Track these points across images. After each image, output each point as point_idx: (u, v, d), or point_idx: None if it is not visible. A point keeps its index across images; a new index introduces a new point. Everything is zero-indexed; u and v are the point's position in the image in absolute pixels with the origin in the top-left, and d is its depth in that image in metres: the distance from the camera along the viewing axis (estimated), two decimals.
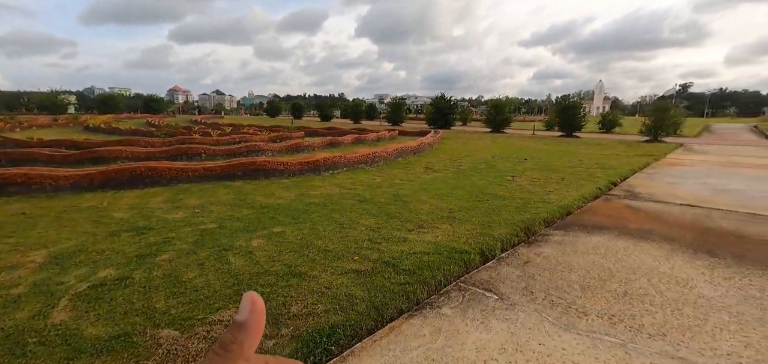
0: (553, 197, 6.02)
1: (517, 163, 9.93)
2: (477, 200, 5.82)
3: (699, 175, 8.43)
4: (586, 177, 7.94)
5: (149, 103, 46.18)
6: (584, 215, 5.19)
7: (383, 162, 9.72)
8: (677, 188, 7.01)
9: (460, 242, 3.86)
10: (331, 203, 5.46)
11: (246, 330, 0.27)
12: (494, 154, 11.88)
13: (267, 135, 14.10)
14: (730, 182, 7.62)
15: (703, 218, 5.02)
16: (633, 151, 13.82)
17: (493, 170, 8.77)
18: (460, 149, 13.51)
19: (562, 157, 11.54)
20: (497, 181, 7.46)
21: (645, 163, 10.29)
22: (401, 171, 8.60)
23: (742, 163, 10.81)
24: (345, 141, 13.43)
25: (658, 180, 7.86)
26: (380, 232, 4.13)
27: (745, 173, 8.80)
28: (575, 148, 14.38)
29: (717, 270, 3.32)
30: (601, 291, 2.93)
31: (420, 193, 6.27)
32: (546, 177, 7.94)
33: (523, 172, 8.50)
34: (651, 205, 5.76)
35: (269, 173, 7.24)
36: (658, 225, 4.70)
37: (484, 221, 4.65)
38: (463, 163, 9.99)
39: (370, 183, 7.09)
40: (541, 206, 5.45)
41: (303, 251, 3.58)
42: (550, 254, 3.70)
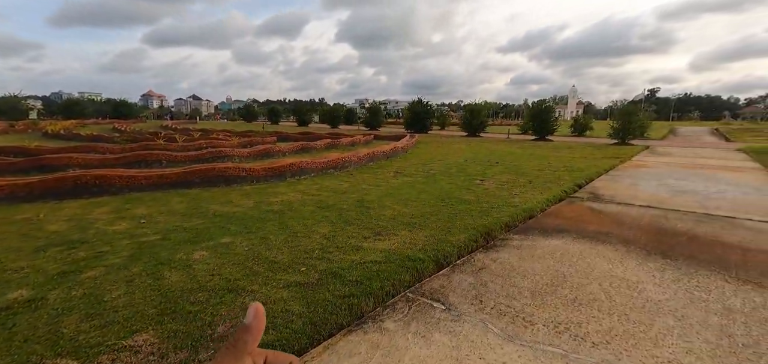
0: (517, 201, 6.01)
1: (488, 167, 9.96)
2: (442, 204, 5.73)
3: (661, 177, 8.67)
4: (553, 180, 8.02)
5: (118, 108, 44.34)
6: (546, 218, 5.17)
7: (354, 167, 9.54)
8: (639, 190, 7.16)
9: (416, 249, 3.73)
10: (290, 211, 5.24)
11: (250, 332, 0.33)
12: (467, 158, 11.91)
13: (237, 140, 13.68)
14: (688, 183, 7.85)
15: (659, 220, 5.09)
16: (601, 153, 14.19)
17: (463, 174, 8.75)
18: (433, 153, 13.49)
19: (532, 160, 11.69)
20: (465, 185, 7.41)
21: (611, 166, 10.53)
22: (371, 176, 8.45)
23: (702, 164, 11.24)
24: (317, 146, 13.18)
25: (621, 182, 8.02)
26: (334, 240, 3.96)
27: (703, 174, 9.12)
28: (546, 152, 14.64)
29: (667, 272, 3.32)
30: (551, 297, 2.85)
31: (385, 198, 6.13)
32: (514, 180, 7.96)
33: (492, 176, 8.51)
34: (612, 207, 5.83)
35: (231, 180, 6.94)
36: (617, 227, 4.72)
37: (445, 227, 4.55)
38: (434, 167, 9.94)
39: (336, 189, 6.91)
40: (504, 209, 5.41)
41: (247, 263, 3.36)
42: (506, 260, 3.62)
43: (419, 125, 25.66)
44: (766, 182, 8.19)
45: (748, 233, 4.50)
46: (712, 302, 2.78)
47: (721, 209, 5.65)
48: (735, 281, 3.14)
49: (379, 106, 30.83)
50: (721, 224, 4.89)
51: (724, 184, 7.78)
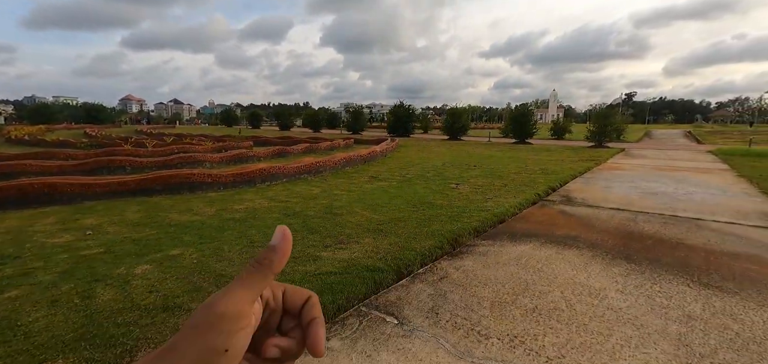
0: (490, 205, 5.92)
1: (465, 171, 9.91)
2: (413, 209, 5.59)
3: (633, 179, 8.78)
4: (528, 183, 8.00)
5: (92, 112, 42.76)
6: (517, 223, 5.09)
7: (329, 172, 9.33)
8: (611, 192, 7.19)
9: (377, 258, 3.56)
10: (253, 219, 5.00)
11: (276, 252, 0.32)
12: (445, 162, 11.85)
13: (211, 145, 13.27)
14: (659, 185, 7.95)
15: (628, 222, 5.08)
16: (578, 156, 14.38)
17: (440, 178, 8.65)
18: (413, 157, 13.40)
19: (510, 163, 11.72)
20: (440, 189, 7.31)
21: (586, 168, 10.64)
22: (345, 181, 8.26)
23: (673, 166, 11.49)
24: (294, 151, 12.90)
25: (594, 184, 8.06)
26: (293, 250, 3.74)
27: (674, 176, 9.29)
28: (525, 155, 14.75)
29: (631, 277, 3.24)
30: (511, 308, 2.73)
31: (355, 204, 5.95)
32: (489, 184, 7.91)
33: (468, 180, 8.44)
34: (583, 210, 5.80)
35: (195, 187, 6.63)
36: (585, 231, 4.67)
37: (412, 233, 4.40)
38: (411, 171, 9.82)
39: (307, 195, 6.69)
40: (475, 214, 5.31)
41: (192, 278, 3.12)
42: (469, 268, 3.48)
43: (402, 129, 25.61)
44: (733, 183, 8.38)
45: (712, 234, 4.51)
46: (673, 308, 2.70)
47: (688, 211, 5.70)
48: (697, 285, 3.09)
49: (362, 109, 30.62)
50: (687, 226, 4.90)
51: (693, 185, 7.92)
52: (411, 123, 26.33)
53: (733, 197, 6.81)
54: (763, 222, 5.08)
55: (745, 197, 6.73)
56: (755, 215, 5.44)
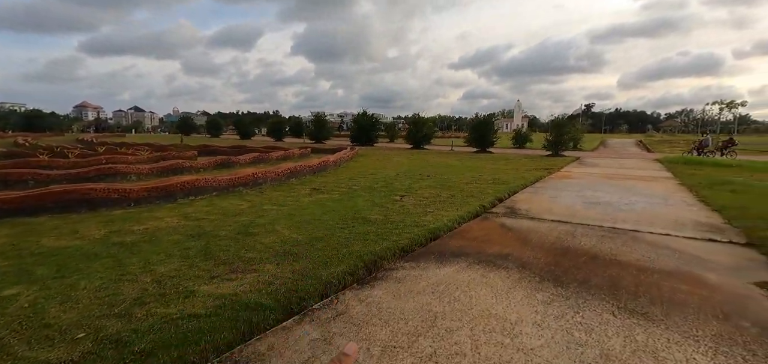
0: (428, 219, 5.50)
1: (416, 181, 9.53)
2: (341, 227, 5.05)
3: (581, 188, 8.72)
4: (477, 193, 7.71)
5: (33, 119, 39.28)
6: (451, 239, 4.68)
7: (270, 183, 8.65)
8: (556, 203, 7.01)
9: (267, 291, 2.99)
10: (147, 242, 4.27)
11: None
12: (399, 172, 11.46)
13: (147, 155, 12.16)
14: (604, 195, 7.90)
15: (566, 236, 4.80)
16: (534, 164, 14.48)
17: (387, 189, 8.20)
18: (368, 167, 12.92)
19: (465, 172, 11.50)
20: (382, 202, 6.83)
21: (539, 177, 10.58)
22: (283, 194, 7.61)
23: (622, 174, 11.71)
24: (240, 161, 12.06)
25: (542, 194, 7.89)
26: (166, 284, 3.09)
27: (620, 185, 9.35)
28: (482, 163, 14.68)
29: (553, 305, 2.86)
30: (405, 354, 2.24)
31: (281, 221, 5.34)
32: (436, 195, 7.54)
33: (417, 191, 8.04)
34: (524, 223, 5.51)
35: (98, 203, 5.77)
36: (520, 247, 4.32)
37: (327, 256, 3.86)
38: (360, 182, 9.31)
39: (231, 210, 5.99)
40: (408, 230, 4.85)
41: (8, 328, 2.40)
42: (376, 299, 2.98)
43: (365, 138, 25.17)
44: (674, 191, 8.50)
45: (647, 249, 4.29)
46: (590, 346, 2.31)
47: (627, 222, 5.54)
48: (622, 313, 2.75)
49: (325, 118, 29.90)
50: (623, 239, 4.68)
51: (637, 195, 7.92)
52: (374, 132, 25.96)
53: (672, 205, 6.79)
54: (696, 233, 4.97)
55: (684, 206, 6.73)
56: (691, 225, 5.34)
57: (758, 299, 3.02)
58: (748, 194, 7.76)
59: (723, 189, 8.37)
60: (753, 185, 8.92)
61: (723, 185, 9.00)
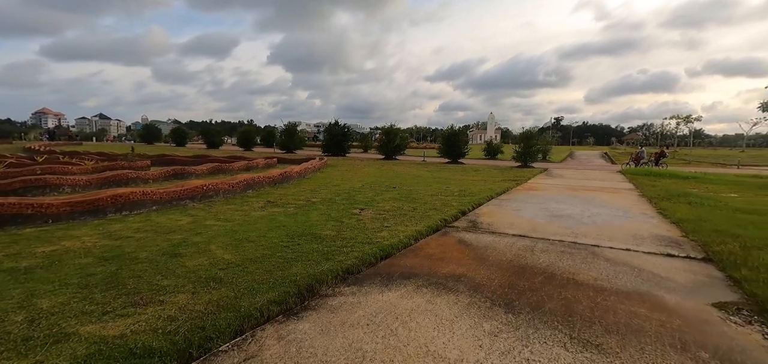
0: (383, 235, 5.12)
1: (380, 193, 9.16)
2: (286, 245, 4.58)
3: (546, 201, 8.63)
4: (440, 206, 7.42)
5: None
6: (404, 258, 4.31)
7: (222, 196, 8.03)
8: (520, 216, 6.82)
9: (167, 330, 2.49)
10: (44, 268, 3.65)
11: None
12: (365, 184, 11.07)
13: (91, 165, 11.18)
14: (568, 207, 7.82)
15: (525, 252, 4.54)
16: (503, 176, 14.49)
17: (347, 202, 7.78)
18: (333, 178, 12.47)
19: (432, 184, 11.26)
20: (339, 215, 6.41)
21: (506, 189, 10.49)
22: (233, 208, 7.04)
23: (586, 186, 11.84)
24: (197, 171, 11.31)
25: (506, 207, 7.71)
26: (40, 323, 2.53)
27: (584, 196, 9.36)
28: (452, 175, 14.55)
29: (501, 338, 2.53)
30: None
31: (218, 239, 4.80)
32: (398, 208, 7.19)
33: (378, 203, 7.67)
34: (484, 238, 5.23)
35: (5, 220, 5.02)
36: (476, 266, 4.01)
37: (256, 281, 3.38)
38: (321, 194, 8.85)
39: (165, 228, 5.39)
40: (358, 249, 4.45)
41: None
42: (300, 335, 2.55)
43: (337, 148, 24.68)
44: (635, 203, 8.56)
45: (605, 266, 4.08)
46: None
47: (588, 236, 5.38)
48: (575, 345, 2.45)
49: (296, 127, 29.14)
50: (583, 255, 4.47)
51: (599, 206, 7.89)
52: (347, 142, 25.52)
53: (632, 218, 6.75)
54: (655, 247, 4.85)
55: (643, 218, 6.70)
56: (649, 239, 5.24)
57: (716, 324, 2.81)
58: (704, 206, 7.89)
59: (680, 201, 8.51)
60: (708, 198, 9.14)
61: (680, 197, 9.17)
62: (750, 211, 7.44)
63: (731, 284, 3.61)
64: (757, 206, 8.05)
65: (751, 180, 14.17)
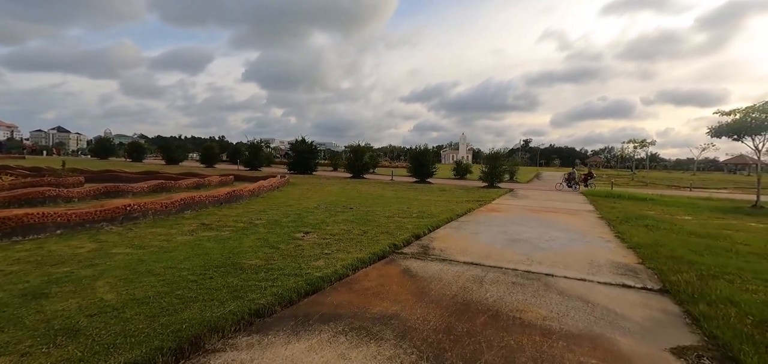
0: (318, 265, 4.50)
1: (334, 214, 8.53)
2: (194, 280, 3.86)
3: (505, 223, 8.30)
4: (394, 229, 6.89)
5: None
6: (332, 294, 3.70)
7: (151, 217, 7.13)
8: (476, 240, 6.40)
9: None
10: None
11: None
12: (322, 204, 10.41)
13: (9, 180, 9.87)
14: (526, 230, 7.50)
15: (473, 285, 4.05)
16: (468, 196, 14.25)
17: (294, 225, 7.09)
18: (291, 197, 11.72)
19: (393, 204, 10.76)
20: (278, 241, 5.72)
21: (468, 210, 10.14)
22: (158, 232, 6.18)
23: (548, 207, 11.73)
24: (135, 189, 10.23)
25: (464, 230, 7.29)
26: None
27: (544, 219, 9.14)
28: (416, 195, 14.14)
29: None
30: None
31: (111, 273, 4.00)
32: (347, 231, 6.59)
33: (328, 226, 7.03)
34: (432, 267, 4.71)
35: None
36: (413, 303, 3.46)
37: (123, 335, 2.66)
38: (268, 215, 8.11)
39: (56, 257, 4.51)
40: (280, 283, 3.80)
41: None
42: None
43: (303, 166, 23.85)
44: (593, 225, 8.39)
45: (557, 301, 3.64)
46: None
47: (543, 264, 4.99)
48: None
49: (261, 143, 28.00)
50: (535, 287, 4.03)
51: (558, 229, 7.64)
52: (314, 160, 24.75)
53: (590, 242, 6.48)
54: (611, 275, 4.51)
55: (600, 243, 6.45)
56: (606, 267, 4.91)
57: None
58: (660, 229, 7.81)
59: (638, 224, 8.43)
60: (664, 221, 9.16)
61: (638, 219, 9.14)
62: (703, 234, 7.41)
63: (690, 322, 3.26)
64: (709, 230, 8.08)
65: (703, 202, 14.69)
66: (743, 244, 6.59)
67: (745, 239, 7.00)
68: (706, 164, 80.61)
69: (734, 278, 4.40)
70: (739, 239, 7.04)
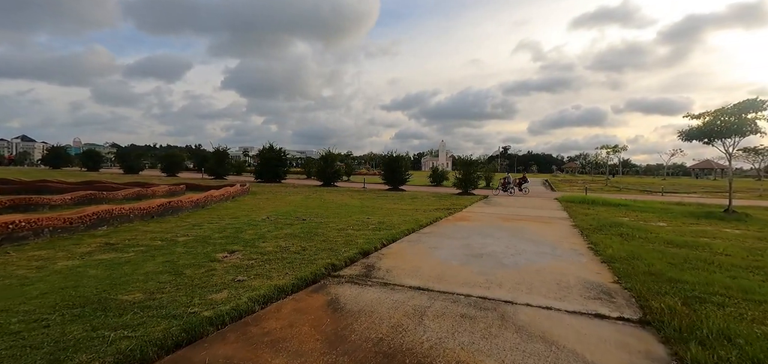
0: (220, 297, 3.51)
1: (280, 228, 7.52)
2: (18, 332, 2.80)
3: (470, 234, 7.51)
4: (341, 245, 5.95)
5: None
6: (210, 347, 2.71)
7: (46, 236, 5.93)
8: (432, 256, 5.54)
9: None
10: None
11: None
12: (273, 215, 9.37)
13: None
14: (493, 241, 6.72)
15: (409, 321, 3.16)
16: (439, 204, 13.48)
17: (225, 241, 6.05)
18: (241, 209, 10.60)
19: (352, 215, 9.82)
20: (189, 264, 4.68)
21: (434, 219, 9.33)
22: (44, 253, 5.02)
23: (521, 214, 11.06)
24: (54, 201, 8.88)
25: (423, 243, 6.43)
26: None
27: (514, 228, 8.41)
28: (383, 203, 13.26)
29: None
30: None
31: None
32: (283, 248, 5.61)
33: (261, 243, 6.02)
34: (368, 294, 3.80)
35: None
36: (317, 357, 2.52)
37: None
38: (199, 231, 7.01)
39: None
40: (146, 328, 2.80)
41: None
42: None
43: (271, 174, 22.57)
44: (566, 236, 7.70)
45: (513, 343, 2.79)
46: None
47: (504, 286, 4.16)
48: None
49: (226, 151, 26.42)
50: (488, 322, 3.18)
51: (527, 240, 6.89)
52: (282, 168, 23.48)
53: (560, 256, 5.73)
54: (583, 300, 3.71)
55: (573, 256, 5.71)
56: (577, 289, 4.13)
57: None
58: (635, 238, 7.20)
59: (612, 232, 7.81)
60: (638, 228, 8.60)
61: (612, 227, 8.54)
62: (680, 243, 6.82)
63: None
64: (686, 237, 7.53)
65: (675, 207, 14.45)
66: (723, 254, 6.00)
67: (725, 248, 6.44)
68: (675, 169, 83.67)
69: (724, 301, 3.69)
70: (717, 248, 6.47)
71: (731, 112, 11.98)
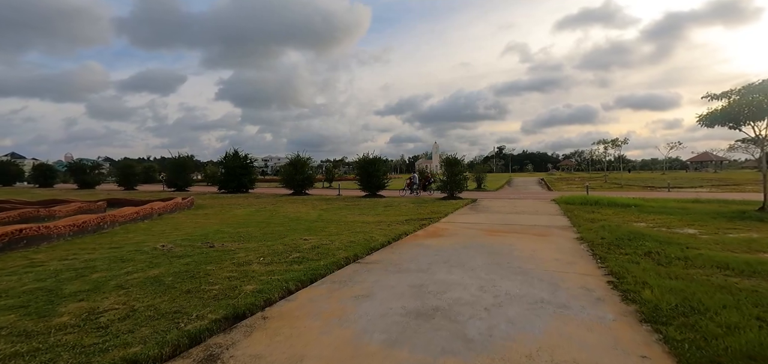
0: None
1: (155, 266, 5.19)
2: None
3: (434, 263, 5.21)
4: (208, 300, 3.65)
5: None
6: None
7: None
8: (346, 320, 3.24)
9: None
10: None
11: None
12: (181, 237, 7.02)
13: None
14: (462, 277, 4.43)
15: None
16: (415, 213, 11.20)
17: (32, 299, 3.72)
18: (154, 229, 8.24)
19: (290, 234, 7.49)
20: None
21: (397, 236, 7.07)
22: None
23: (511, 224, 8.78)
24: None
25: (349, 287, 4.12)
26: None
27: (500, 246, 6.13)
28: (346, 215, 10.92)
29: None
30: None
31: None
32: (91, 318, 3.29)
33: (71, 304, 3.70)
34: None
35: None
36: None
37: None
38: (87, 257, 4.67)
39: None
40: None
41: None
42: None
43: (236, 183, 20.21)
44: (570, 260, 5.42)
45: None
46: None
47: None
48: None
49: (187, 159, 23.90)
50: None
51: (514, 271, 4.61)
52: (249, 177, 21.09)
53: (567, 309, 3.44)
54: None
55: (588, 309, 3.41)
56: None
57: None
58: (672, 261, 4.92)
59: (636, 250, 5.55)
60: (669, 240, 6.33)
61: (632, 240, 6.28)
62: (742, 269, 4.55)
63: None
64: (738, 254, 5.29)
65: (693, 206, 12.24)
66: None
67: None
68: (671, 164, 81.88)
69: None
70: None
71: (762, 90, 9.82)
